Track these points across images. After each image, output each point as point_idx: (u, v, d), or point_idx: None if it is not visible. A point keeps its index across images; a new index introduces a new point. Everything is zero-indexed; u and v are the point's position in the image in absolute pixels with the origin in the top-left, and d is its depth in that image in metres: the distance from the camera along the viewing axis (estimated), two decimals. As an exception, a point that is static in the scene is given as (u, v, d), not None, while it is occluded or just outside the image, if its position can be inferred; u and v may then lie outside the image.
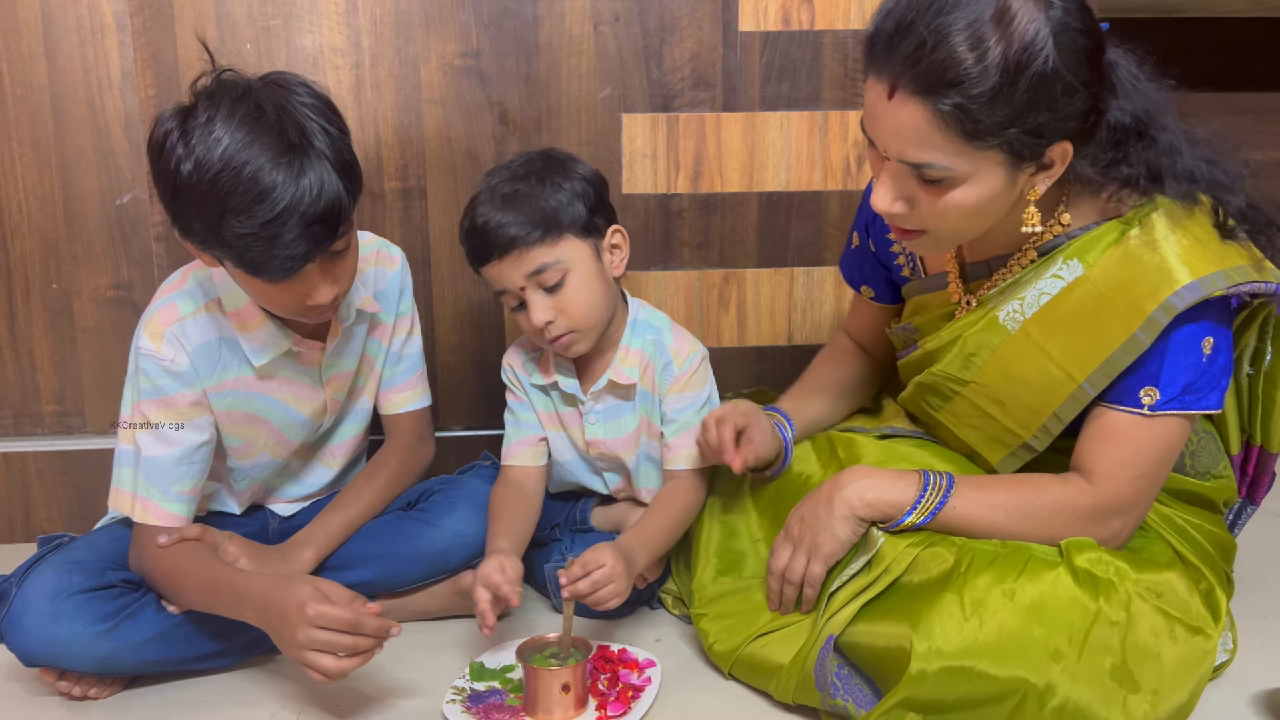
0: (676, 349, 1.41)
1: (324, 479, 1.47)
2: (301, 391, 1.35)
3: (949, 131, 1.03)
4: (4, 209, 1.61)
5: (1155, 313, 1.11)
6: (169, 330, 1.25)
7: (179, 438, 1.26)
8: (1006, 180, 1.08)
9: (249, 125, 1.09)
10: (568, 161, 1.37)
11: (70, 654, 1.21)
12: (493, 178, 1.35)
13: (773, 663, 1.21)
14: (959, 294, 1.27)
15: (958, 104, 1.01)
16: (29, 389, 1.68)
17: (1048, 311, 1.18)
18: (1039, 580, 1.11)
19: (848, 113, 1.68)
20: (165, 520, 1.26)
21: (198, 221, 1.12)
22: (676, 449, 1.40)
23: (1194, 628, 1.15)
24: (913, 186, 1.09)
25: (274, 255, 1.11)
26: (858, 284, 1.46)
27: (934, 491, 1.19)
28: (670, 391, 1.40)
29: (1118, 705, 1.09)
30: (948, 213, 1.09)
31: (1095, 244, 1.16)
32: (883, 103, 1.05)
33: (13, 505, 1.69)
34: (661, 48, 1.63)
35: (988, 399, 1.24)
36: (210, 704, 1.26)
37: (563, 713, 1.19)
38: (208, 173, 1.08)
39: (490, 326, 1.71)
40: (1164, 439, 1.15)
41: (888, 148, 1.07)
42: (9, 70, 1.57)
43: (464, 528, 1.39)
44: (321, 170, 1.11)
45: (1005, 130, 1.02)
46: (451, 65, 1.62)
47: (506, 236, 1.30)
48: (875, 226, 1.39)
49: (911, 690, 1.09)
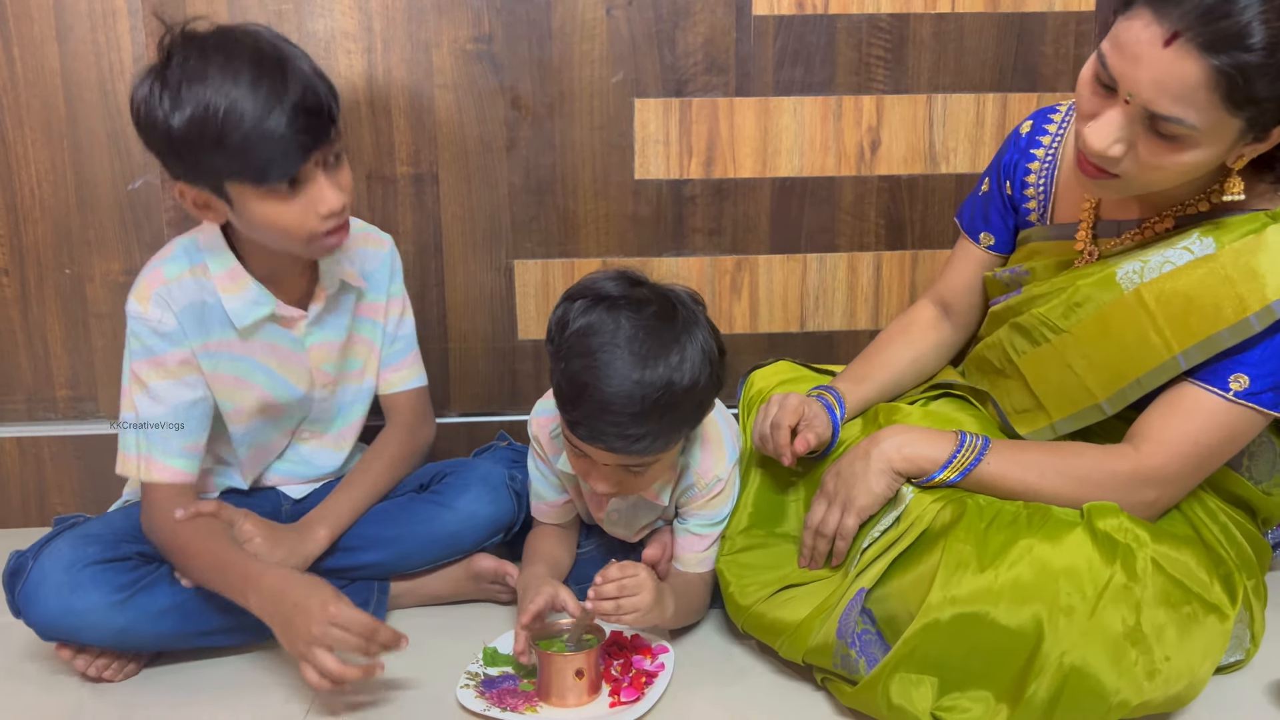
0: (702, 472, 1.32)
1: (334, 462, 1.47)
2: (286, 357, 1.36)
3: (1215, 92, 1.02)
4: (17, 194, 1.61)
5: (1275, 303, 1.11)
6: (155, 292, 1.28)
7: (173, 395, 1.29)
8: (1230, 148, 1.08)
9: (224, 58, 1.15)
10: (714, 359, 1.21)
11: (87, 625, 1.22)
12: (625, 350, 1.16)
13: (788, 621, 1.22)
14: (1085, 244, 1.26)
15: (1238, 67, 1.00)
16: (42, 374, 1.68)
17: (1168, 279, 1.16)
18: (1058, 540, 1.11)
19: (861, 98, 1.67)
20: (170, 476, 1.29)
21: (201, 154, 1.16)
22: (685, 549, 1.35)
23: (1210, 605, 1.15)
24: (1140, 134, 1.08)
25: (276, 150, 1.15)
26: (978, 231, 1.42)
27: (969, 450, 1.21)
28: (688, 506, 1.35)
29: (1126, 669, 1.10)
30: (1164, 167, 1.08)
31: (1236, 228, 1.15)
32: (1155, 47, 1.03)
33: (27, 490, 1.70)
34: (675, 32, 1.62)
35: (1076, 353, 1.23)
36: (222, 690, 1.27)
37: (576, 698, 1.19)
38: (200, 109, 1.13)
39: (502, 312, 1.71)
40: (1232, 428, 1.15)
41: (1139, 92, 1.05)
42: (21, 54, 1.57)
43: (476, 509, 1.40)
44: (302, 74, 1.18)
45: (1265, 102, 1.02)
46: (464, 50, 1.61)
47: (631, 444, 1.17)
48: (1018, 168, 1.37)
49: (922, 640, 1.10)
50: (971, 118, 1.68)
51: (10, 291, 1.64)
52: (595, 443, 1.19)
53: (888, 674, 1.13)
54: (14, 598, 1.24)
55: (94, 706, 1.24)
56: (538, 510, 1.43)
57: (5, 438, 1.68)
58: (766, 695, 1.25)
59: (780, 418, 1.30)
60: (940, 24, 1.65)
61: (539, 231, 1.68)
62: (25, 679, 1.29)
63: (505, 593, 1.43)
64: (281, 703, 1.23)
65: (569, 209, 1.68)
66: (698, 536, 1.35)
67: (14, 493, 1.70)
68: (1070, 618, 1.08)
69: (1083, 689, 1.09)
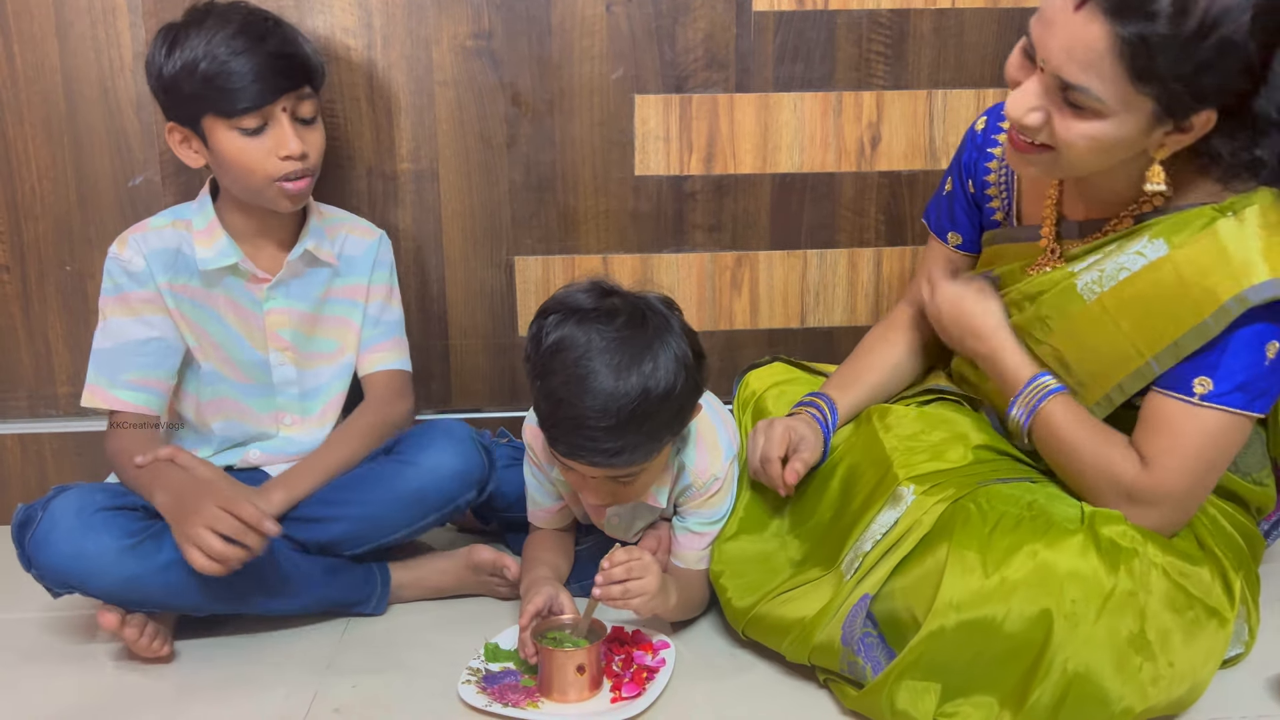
0: (699, 471, 1.32)
1: (315, 438, 1.47)
2: (245, 316, 1.44)
3: (1120, 63, 1.02)
4: (17, 191, 1.61)
5: (1228, 302, 1.10)
6: (133, 237, 1.42)
7: (125, 331, 1.40)
8: (1144, 130, 1.08)
9: (222, 17, 1.33)
10: (688, 363, 1.21)
11: (97, 570, 1.24)
12: (596, 363, 1.16)
13: (790, 619, 1.22)
14: (1049, 243, 1.26)
15: (1142, 36, 1.00)
16: (43, 371, 1.68)
17: (1125, 286, 1.17)
18: (1062, 546, 1.10)
19: (862, 94, 1.67)
20: (112, 404, 1.40)
21: (182, 89, 1.32)
22: (684, 546, 1.35)
23: (1212, 609, 1.15)
24: (1055, 104, 1.09)
25: (244, 81, 1.29)
26: (945, 231, 1.43)
27: (1042, 385, 1.22)
28: (687, 506, 1.35)
29: (1130, 675, 1.10)
30: (1076, 142, 1.09)
31: (1185, 226, 1.14)
32: (1066, 11, 1.04)
33: (29, 486, 1.70)
34: (675, 28, 1.62)
35: (1057, 361, 1.24)
36: (224, 685, 1.27)
37: (577, 694, 1.19)
38: (188, 53, 1.30)
39: (503, 309, 1.71)
40: (1209, 431, 1.14)
41: (1050, 57, 1.06)
42: (20, 51, 1.56)
43: (440, 461, 1.37)
44: (287, 32, 1.36)
45: (1171, 81, 1.03)
46: (463, 46, 1.61)
47: (610, 458, 1.17)
48: (978, 167, 1.37)
49: (928, 648, 1.10)
50: (972, 113, 1.68)
51: (11, 288, 1.64)
52: (575, 458, 1.19)
53: (893, 680, 1.12)
54: (24, 549, 1.26)
55: (95, 701, 1.24)
56: (534, 516, 1.43)
57: (7, 434, 1.69)
58: (768, 691, 1.25)
59: (768, 450, 1.29)
60: (940, 19, 1.65)
61: (539, 228, 1.68)
62: (26, 672, 1.30)
63: (504, 585, 1.43)
64: (282, 699, 1.24)
65: (569, 205, 1.68)
66: (697, 535, 1.35)
67: (16, 489, 1.70)
68: (1075, 623, 1.08)
69: (1086, 695, 1.09)
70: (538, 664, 1.21)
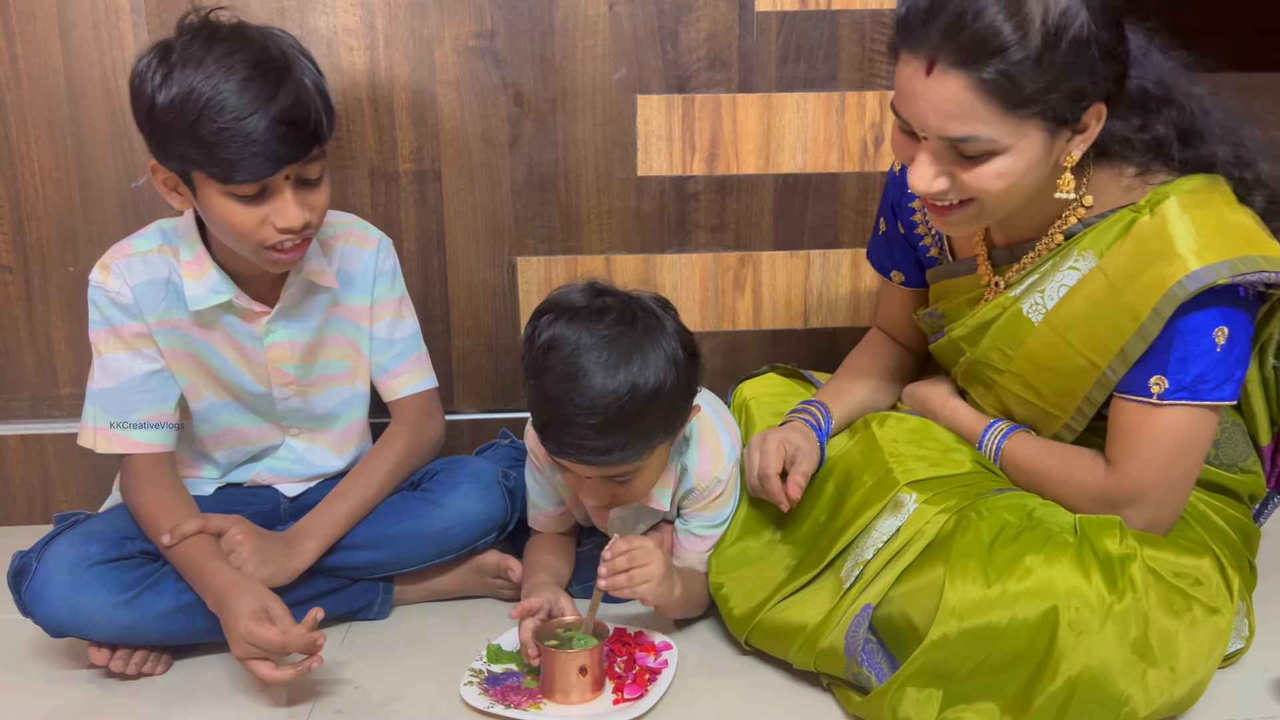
0: (701, 474, 1.32)
1: (334, 463, 1.46)
2: (246, 353, 1.36)
3: (991, 101, 1.03)
4: (20, 192, 1.61)
5: (1159, 302, 1.11)
6: (116, 264, 1.30)
7: (127, 367, 1.31)
8: (1045, 147, 1.08)
9: (227, 51, 1.15)
10: (680, 363, 1.20)
11: (94, 623, 1.23)
12: (585, 361, 1.16)
13: (793, 624, 1.21)
14: (988, 276, 1.27)
15: (1001, 71, 1.02)
16: (47, 372, 1.68)
17: (1065, 304, 1.18)
18: (1061, 557, 1.10)
19: (865, 94, 1.67)
20: (127, 447, 1.31)
21: (174, 137, 1.16)
22: (685, 549, 1.35)
23: (1211, 608, 1.15)
24: (952, 163, 1.09)
25: (247, 153, 1.14)
26: (888, 269, 1.45)
27: (995, 433, 1.28)
28: (690, 509, 1.35)
29: (1136, 678, 1.10)
30: (990, 185, 1.09)
31: (1107, 233, 1.16)
32: (919, 79, 1.05)
33: (32, 487, 1.70)
34: (677, 28, 1.62)
35: (1024, 385, 1.25)
36: (226, 687, 1.27)
37: (580, 695, 1.19)
38: (184, 92, 1.14)
39: (505, 309, 1.71)
40: (1174, 428, 1.15)
41: (927, 125, 1.07)
42: (24, 52, 1.57)
43: (466, 506, 1.38)
44: (298, 85, 1.17)
45: (1047, 96, 1.04)
46: (466, 46, 1.61)
47: (599, 456, 1.17)
48: (901, 208, 1.38)
49: (932, 655, 1.10)
50: (975, 113, 1.67)
51: (14, 289, 1.64)
52: (566, 456, 1.19)
53: (896, 689, 1.12)
54: (20, 597, 1.25)
55: (98, 705, 1.24)
56: (535, 520, 1.42)
57: (10, 435, 1.69)
58: (771, 692, 1.25)
59: (765, 467, 1.28)
60: (944, 19, 1.65)
61: (542, 228, 1.68)
62: (30, 676, 1.30)
63: (508, 587, 1.43)
64: (285, 700, 1.24)
65: (572, 206, 1.68)
66: (699, 538, 1.35)
67: (19, 490, 1.70)
68: (1077, 631, 1.08)
69: (1091, 701, 1.09)
70: (540, 665, 1.21)
